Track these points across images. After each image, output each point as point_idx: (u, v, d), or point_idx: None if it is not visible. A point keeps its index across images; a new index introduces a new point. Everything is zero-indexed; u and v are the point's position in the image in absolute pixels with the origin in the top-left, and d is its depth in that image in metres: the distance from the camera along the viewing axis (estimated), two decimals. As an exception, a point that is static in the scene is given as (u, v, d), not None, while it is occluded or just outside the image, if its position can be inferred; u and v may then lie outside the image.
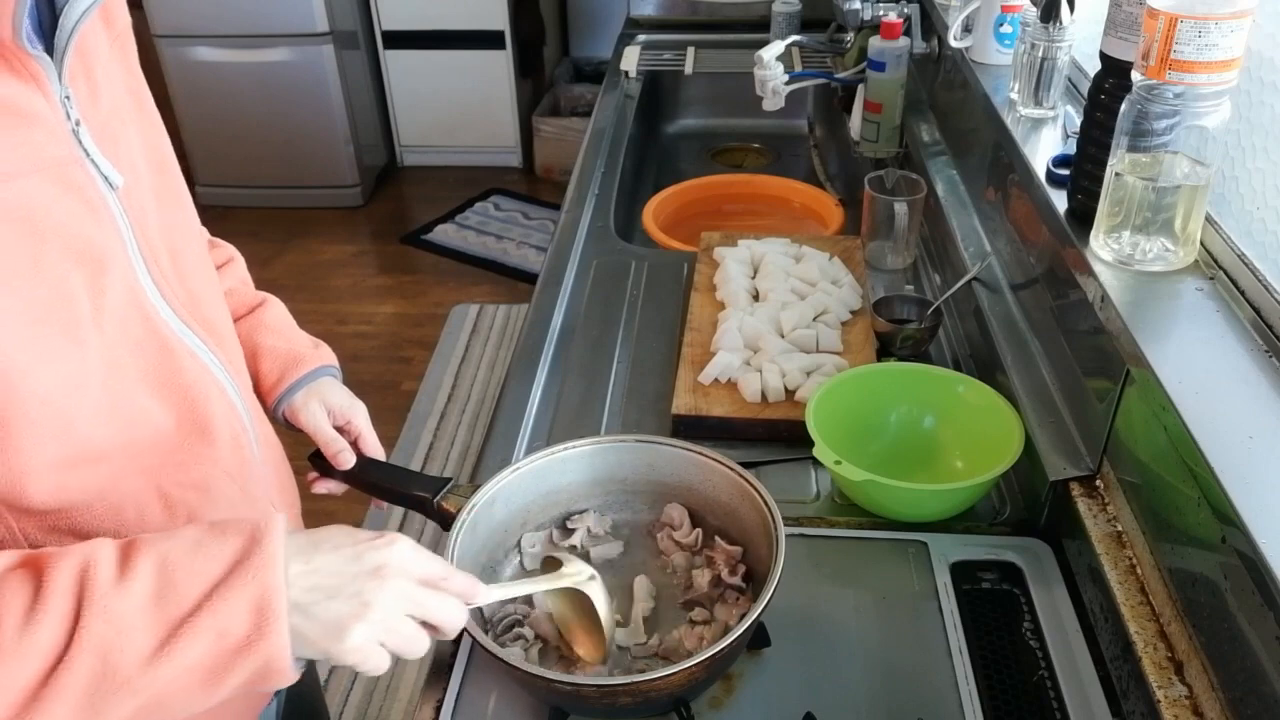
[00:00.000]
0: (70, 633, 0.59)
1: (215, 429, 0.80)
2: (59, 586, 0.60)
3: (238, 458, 0.83)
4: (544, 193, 4.09)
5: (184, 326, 0.77)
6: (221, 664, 0.62)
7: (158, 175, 0.78)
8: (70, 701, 0.59)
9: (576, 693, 0.80)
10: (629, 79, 2.33)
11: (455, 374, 3.07)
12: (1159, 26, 0.86)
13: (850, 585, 1.00)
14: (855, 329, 1.34)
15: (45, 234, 0.65)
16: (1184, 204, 0.94)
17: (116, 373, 0.71)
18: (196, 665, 0.61)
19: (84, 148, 0.68)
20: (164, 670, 0.60)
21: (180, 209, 0.82)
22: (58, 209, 0.66)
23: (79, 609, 0.59)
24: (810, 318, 1.34)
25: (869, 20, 1.88)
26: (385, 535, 0.69)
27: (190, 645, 0.61)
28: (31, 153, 0.64)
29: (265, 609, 0.62)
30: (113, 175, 0.70)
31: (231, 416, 0.82)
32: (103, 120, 0.71)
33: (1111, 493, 0.97)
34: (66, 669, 0.58)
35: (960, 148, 1.65)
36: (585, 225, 1.72)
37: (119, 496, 0.73)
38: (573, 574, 0.84)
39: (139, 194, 0.74)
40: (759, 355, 1.28)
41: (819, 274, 1.43)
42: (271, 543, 0.64)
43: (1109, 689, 0.88)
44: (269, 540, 0.64)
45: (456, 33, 3.94)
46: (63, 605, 0.59)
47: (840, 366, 1.24)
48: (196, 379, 0.78)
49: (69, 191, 0.67)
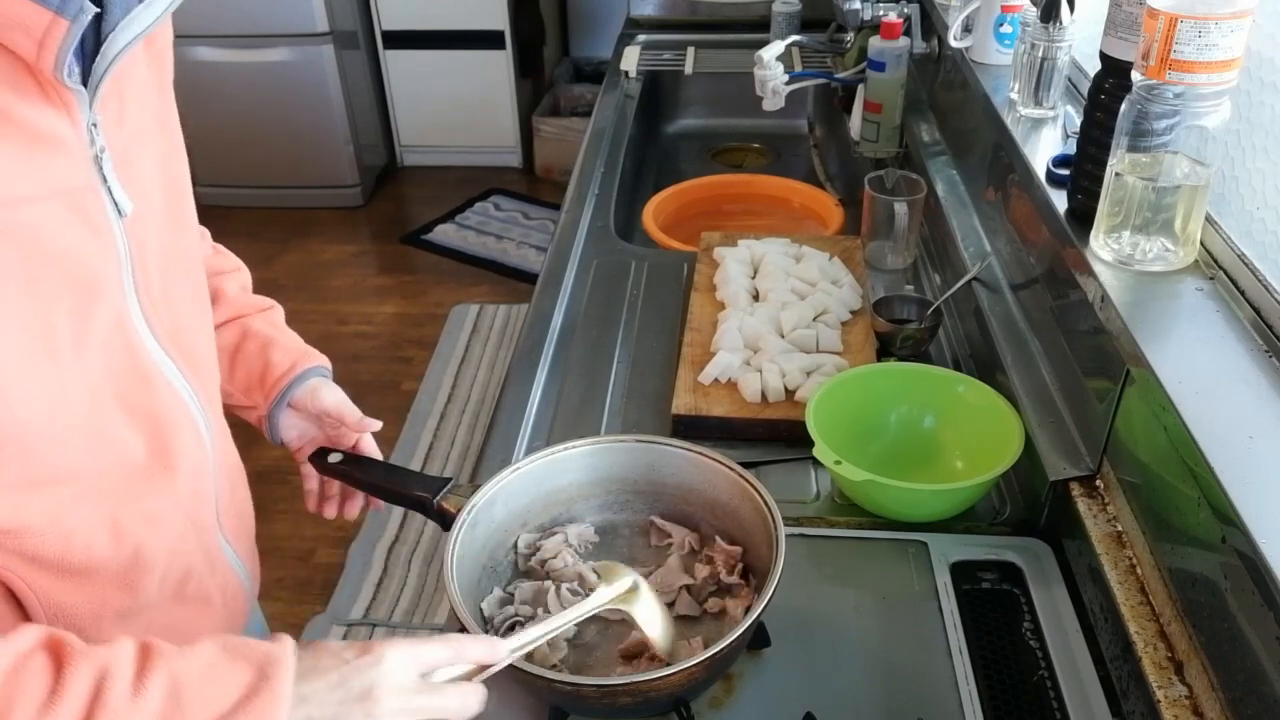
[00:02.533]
0: None
1: (178, 460, 0.79)
2: (76, 689, 0.60)
3: (193, 488, 0.82)
4: (544, 193, 4.09)
5: (164, 355, 0.77)
6: None
7: (168, 200, 0.78)
8: None
9: (576, 693, 0.80)
10: (629, 79, 2.33)
11: (455, 374, 3.07)
12: (1159, 26, 0.86)
13: (850, 585, 1.00)
14: (855, 329, 1.34)
15: (46, 258, 0.64)
16: (1184, 204, 0.94)
17: (94, 397, 0.71)
18: None
19: (103, 174, 0.68)
20: None
21: (184, 235, 0.82)
22: (64, 234, 0.65)
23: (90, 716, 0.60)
24: (810, 318, 1.34)
25: (869, 20, 1.88)
26: (373, 650, 0.69)
27: None
28: (50, 178, 0.64)
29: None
30: (124, 203, 0.70)
31: (197, 449, 0.82)
32: (124, 143, 0.70)
33: (1111, 493, 0.97)
34: None
35: (960, 148, 1.65)
36: (585, 225, 1.72)
37: (72, 523, 0.72)
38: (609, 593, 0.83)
39: (145, 220, 0.73)
40: (759, 355, 1.28)
41: (819, 274, 1.43)
42: (280, 682, 0.64)
43: (1109, 689, 0.88)
44: (278, 678, 0.65)
45: (456, 33, 3.94)
46: (76, 708, 0.60)
47: (840, 366, 1.24)
48: (170, 409, 0.78)
49: (78, 217, 0.66)
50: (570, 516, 1.02)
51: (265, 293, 1.05)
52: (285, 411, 0.99)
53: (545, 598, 0.93)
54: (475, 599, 0.93)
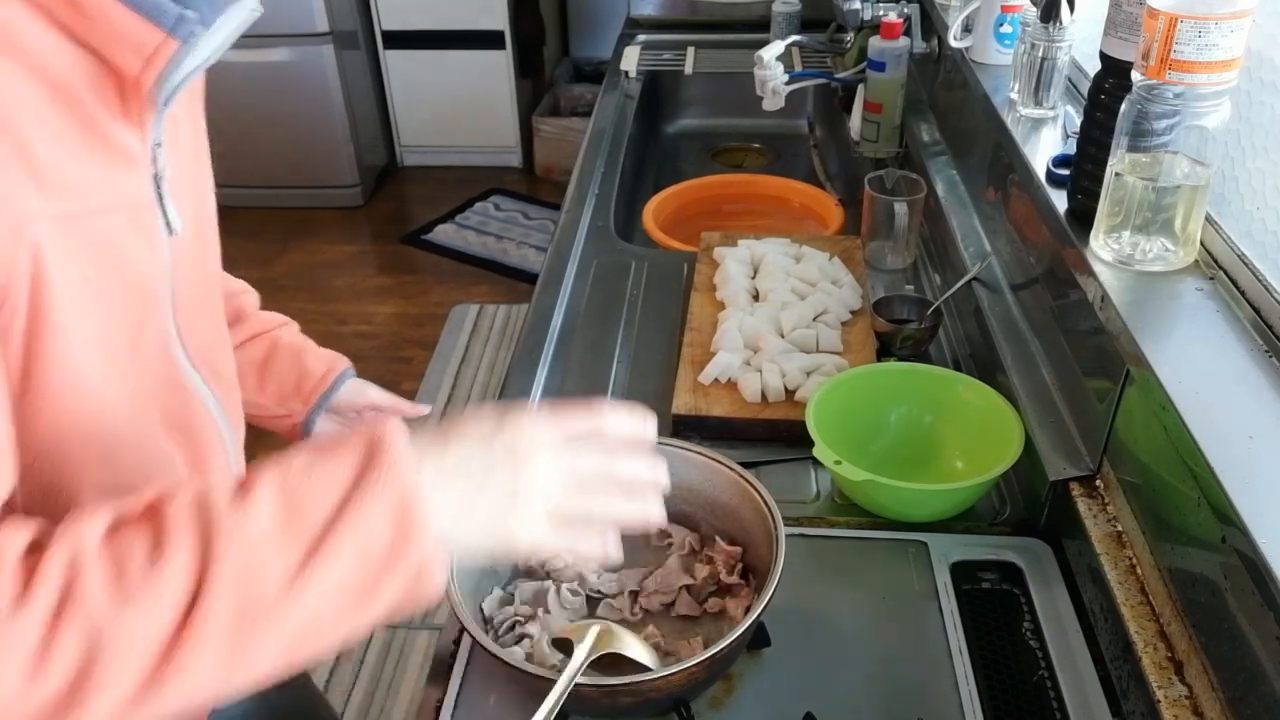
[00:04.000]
0: (202, 566, 0.55)
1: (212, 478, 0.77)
2: (179, 520, 0.56)
3: None
4: (544, 193, 4.09)
5: (196, 373, 0.78)
6: (370, 579, 0.58)
7: (198, 223, 0.79)
8: (215, 640, 0.55)
9: (576, 693, 0.80)
10: (629, 79, 2.33)
11: (455, 374, 3.07)
12: (1159, 26, 0.86)
13: (850, 585, 1.00)
14: (855, 329, 1.34)
15: (115, 267, 0.66)
16: (1184, 204, 0.94)
17: (145, 410, 0.72)
18: (343, 585, 0.57)
19: (160, 193, 0.70)
20: (309, 595, 0.57)
21: (212, 258, 0.83)
22: (129, 247, 0.67)
23: (206, 539, 0.56)
24: (810, 318, 1.34)
25: (869, 20, 1.87)
26: (512, 411, 0.65)
27: (332, 564, 0.57)
28: (122, 192, 0.66)
29: (404, 513, 0.58)
30: (175, 222, 0.72)
31: (225, 468, 0.82)
32: (177, 165, 0.72)
33: (1111, 493, 0.97)
34: (204, 604, 0.55)
35: (960, 148, 1.65)
36: (585, 225, 1.72)
37: None
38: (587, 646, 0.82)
39: (185, 241, 0.75)
40: (759, 355, 1.28)
41: (819, 274, 1.43)
42: (392, 447, 0.59)
43: (1109, 689, 0.88)
44: (388, 444, 0.60)
45: (456, 33, 3.94)
46: (188, 539, 0.55)
47: (840, 366, 1.24)
48: (203, 426, 0.79)
49: (139, 232, 0.68)
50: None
51: (265, 292, 1.06)
52: (322, 415, 1.04)
53: (545, 598, 0.93)
54: (475, 599, 0.93)
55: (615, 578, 0.97)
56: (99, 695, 0.54)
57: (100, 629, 0.54)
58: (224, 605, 0.55)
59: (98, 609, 0.54)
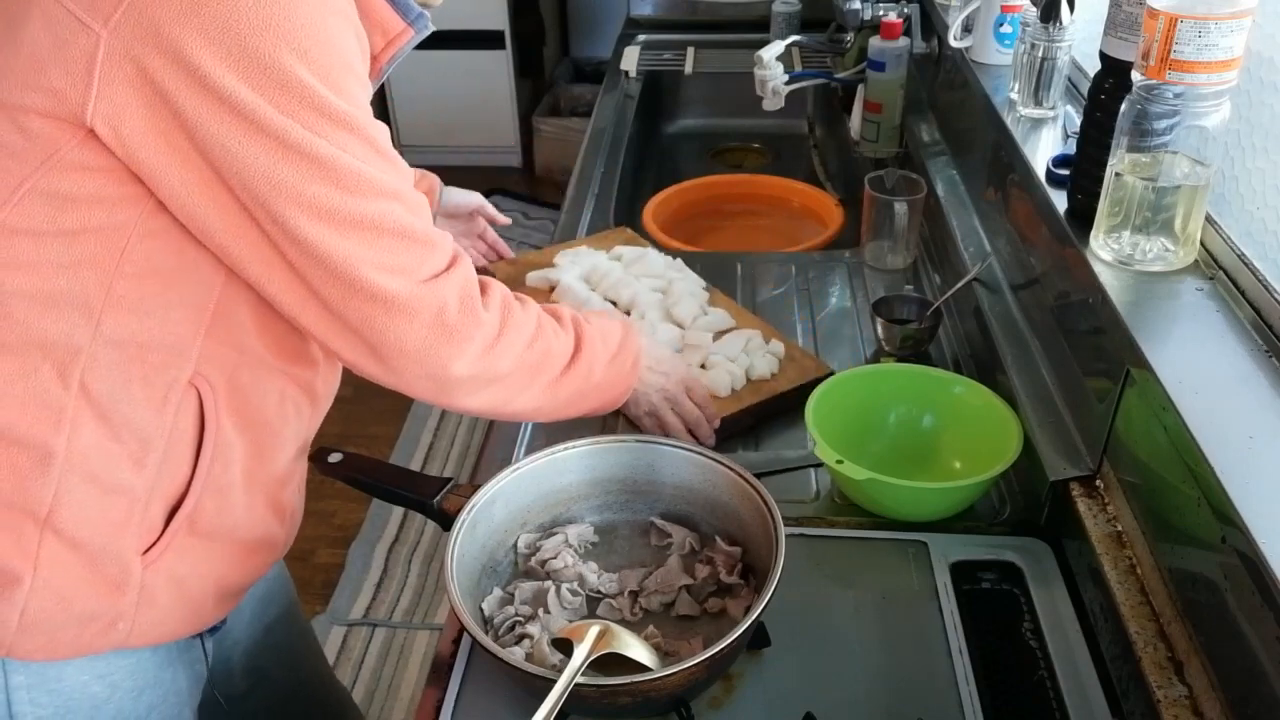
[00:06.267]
0: (578, 342, 1.00)
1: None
2: (567, 321, 1.01)
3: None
4: (544, 193, 4.09)
5: None
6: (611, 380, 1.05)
7: None
8: (574, 383, 1.00)
9: (576, 693, 0.80)
10: (629, 79, 2.33)
11: (455, 374, 3.07)
12: (1159, 26, 0.86)
13: (850, 585, 1.00)
14: (719, 299, 1.39)
15: None
16: (1184, 204, 0.94)
17: None
18: (606, 380, 1.04)
19: None
20: (603, 377, 1.03)
21: None
22: None
23: (579, 333, 1.01)
24: (696, 308, 1.37)
25: (869, 20, 1.87)
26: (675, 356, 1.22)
27: (609, 367, 1.04)
28: None
29: (636, 360, 1.10)
30: None
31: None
32: None
33: (1111, 493, 0.97)
34: (576, 365, 0.99)
35: (960, 148, 1.65)
36: (585, 225, 1.72)
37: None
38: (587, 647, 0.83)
39: None
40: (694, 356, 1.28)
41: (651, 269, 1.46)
42: (637, 333, 1.12)
43: (1109, 689, 0.88)
44: (634, 332, 1.11)
45: (456, 33, 3.93)
46: (572, 331, 1.01)
47: (754, 336, 1.28)
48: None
49: None
50: (570, 517, 1.02)
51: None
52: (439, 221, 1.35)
53: (545, 598, 0.93)
54: (475, 599, 0.93)
55: (615, 578, 0.97)
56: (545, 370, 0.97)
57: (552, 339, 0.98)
58: (581, 369, 1.00)
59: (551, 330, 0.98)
